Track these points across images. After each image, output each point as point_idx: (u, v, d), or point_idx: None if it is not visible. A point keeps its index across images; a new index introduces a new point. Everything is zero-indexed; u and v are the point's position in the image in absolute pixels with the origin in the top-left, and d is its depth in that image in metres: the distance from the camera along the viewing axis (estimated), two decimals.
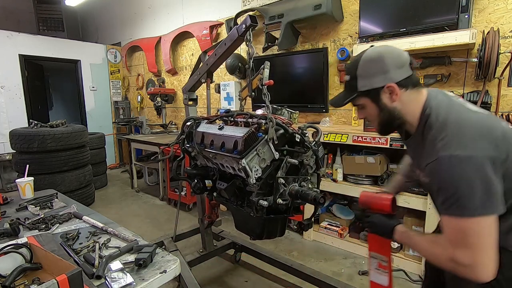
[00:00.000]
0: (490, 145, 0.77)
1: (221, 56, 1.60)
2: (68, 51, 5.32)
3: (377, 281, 1.17)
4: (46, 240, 1.06)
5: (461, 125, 0.80)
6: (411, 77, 0.89)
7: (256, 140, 1.15)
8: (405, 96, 0.89)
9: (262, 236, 1.34)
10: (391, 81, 0.88)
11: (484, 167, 0.75)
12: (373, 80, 0.90)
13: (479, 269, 0.76)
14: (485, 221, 0.75)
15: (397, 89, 0.88)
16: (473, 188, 0.75)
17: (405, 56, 0.89)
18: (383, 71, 0.88)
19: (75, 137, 3.55)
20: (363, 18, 2.54)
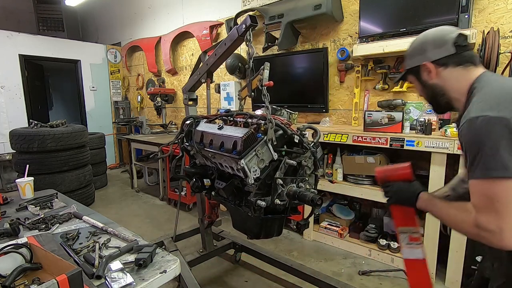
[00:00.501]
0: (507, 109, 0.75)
1: (221, 56, 1.60)
2: (68, 51, 5.32)
3: (412, 257, 1.10)
4: (46, 240, 1.06)
5: (497, 90, 0.81)
6: (454, 56, 0.91)
7: (255, 141, 1.15)
8: (447, 73, 0.93)
9: (260, 236, 1.34)
10: (427, 60, 0.94)
11: (503, 127, 0.73)
12: (413, 59, 0.99)
13: (504, 235, 0.73)
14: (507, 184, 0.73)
15: (432, 67, 0.94)
16: (499, 148, 0.73)
17: (450, 36, 0.91)
18: (422, 51, 0.96)
19: (75, 137, 3.55)
20: (363, 18, 2.54)
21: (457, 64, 0.91)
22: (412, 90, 2.52)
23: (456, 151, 1.90)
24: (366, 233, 2.54)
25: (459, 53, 0.91)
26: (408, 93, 2.55)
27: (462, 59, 0.91)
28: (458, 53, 0.91)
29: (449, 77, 0.93)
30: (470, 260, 1.96)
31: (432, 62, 0.93)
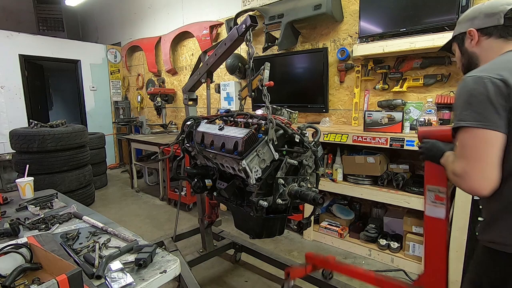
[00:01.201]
0: (505, 71, 0.79)
1: (221, 56, 1.60)
2: (68, 51, 5.32)
3: (433, 215, 1.13)
4: (46, 240, 1.06)
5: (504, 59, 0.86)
6: (500, 27, 0.91)
7: (256, 141, 1.15)
8: (487, 43, 0.94)
9: (262, 235, 1.34)
10: (474, 27, 0.95)
11: (486, 85, 0.78)
12: (462, 25, 1.00)
13: (469, 179, 0.80)
14: (482, 134, 0.79)
15: (476, 34, 0.95)
16: (472, 101, 0.80)
17: (503, 7, 0.91)
18: (471, 18, 0.97)
19: (75, 137, 3.55)
20: (363, 18, 2.54)
21: (500, 36, 0.91)
22: (412, 90, 2.52)
23: None
24: (366, 233, 2.54)
25: (507, 25, 0.90)
26: (408, 93, 2.55)
27: (506, 31, 0.91)
28: (505, 25, 0.90)
29: (487, 47, 0.94)
30: (470, 260, 1.96)
31: (478, 29, 0.94)
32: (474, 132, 0.80)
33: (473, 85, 0.81)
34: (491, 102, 0.78)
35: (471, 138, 0.81)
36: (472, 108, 0.80)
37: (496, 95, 0.78)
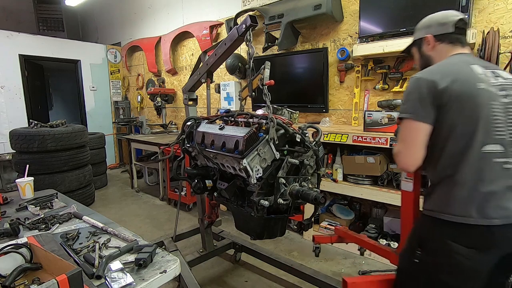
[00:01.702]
0: (438, 75, 0.97)
1: (221, 56, 1.60)
2: (68, 51, 5.32)
3: (406, 189, 1.36)
4: (46, 240, 1.06)
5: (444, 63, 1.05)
6: (450, 35, 1.09)
7: (257, 140, 1.15)
8: (440, 48, 1.11)
9: (263, 236, 1.34)
10: (430, 33, 1.13)
11: (421, 85, 0.98)
12: (420, 32, 1.18)
13: (399, 158, 1.04)
14: (411, 123, 1.00)
15: (432, 40, 1.12)
16: (409, 98, 1.01)
17: (452, 18, 1.09)
18: (427, 26, 1.15)
19: (75, 137, 3.55)
20: (363, 18, 2.54)
21: (449, 42, 1.10)
22: None
23: None
24: (366, 233, 2.53)
25: (455, 33, 1.08)
26: None
27: (454, 38, 1.09)
28: (454, 33, 1.08)
29: (439, 51, 1.12)
30: None
31: (433, 36, 1.12)
32: (408, 122, 1.01)
33: (412, 84, 1.01)
34: (422, 99, 0.97)
35: (405, 127, 1.03)
36: (408, 103, 1.02)
37: (428, 93, 0.96)
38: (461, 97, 0.94)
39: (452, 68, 1.00)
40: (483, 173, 0.93)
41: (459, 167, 0.95)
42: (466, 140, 0.94)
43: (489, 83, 0.97)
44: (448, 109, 0.95)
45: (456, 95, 0.94)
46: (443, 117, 0.96)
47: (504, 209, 0.91)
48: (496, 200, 0.92)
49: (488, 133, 0.93)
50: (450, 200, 0.96)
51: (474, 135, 0.93)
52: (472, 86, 0.95)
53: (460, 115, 0.94)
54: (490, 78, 0.99)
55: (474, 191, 0.93)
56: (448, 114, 0.95)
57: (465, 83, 0.95)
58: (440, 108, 0.96)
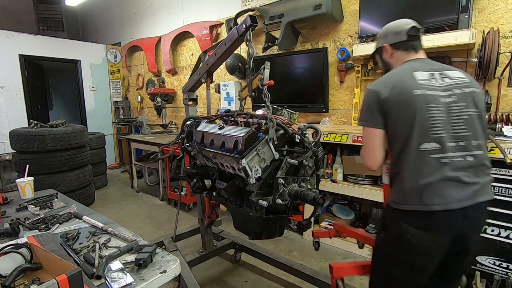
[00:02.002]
0: (381, 85, 1.12)
1: (221, 56, 1.60)
2: (68, 51, 5.32)
3: (385, 182, 1.45)
4: (46, 240, 1.06)
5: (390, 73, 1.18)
6: (404, 42, 1.21)
7: (256, 140, 1.15)
8: (397, 55, 1.25)
9: (261, 236, 1.34)
10: (387, 42, 1.26)
11: (369, 96, 1.14)
12: (379, 41, 1.30)
13: (365, 160, 1.19)
14: (368, 130, 1.16)
15: (389, 49, 1.26)
16: (363, 107, 1.17)
17: (405, 27, 1.22)
18: (384, 35, 1.28)
19: (75, 137, 3.55)
20: (363, 18, 2.54)
21: (404, 49, 1.22)
22: None
23: None
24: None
25: (409, 40, 1.21)
26: None
27: (408, 45, 1.22)
28: (408, 40, 1.21)
29: (396, 58, 1.25)
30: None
31: (390, 44, 1.25)
32: (365, 129, 1.17)
33: (364, 95, 1.17)
34: (371, 107, 1.12)
35: (364, 133, 1.18)
36: (363, 112, 1.17)
37: (374, 103, 1.11)
38: (399, 104, 1.08)
39: (395, 77, 1.14)
40: (421, 168, 1.06)
41: (402, 165, 1.09)
42: (405, 141, 1.07)
43: (430, 87, 1.08)
44: (390, 115, 1.09)
45: (395, 103, 1.08)
46: (387, 122, 1.11)
47: (441, 197, 1.04)
48: (434, 190, 1.05)
49: (424, 134, 1.05)
50: (400, 193, 1.11)
51: (411, 136, 1.06)
52: (408, 93, 1.07)
53: (399, 120, 1.08)
54: (434, 81, 1.11)
55: (415, 184, 1.07)
56: (390, 119, 1.10)
57: (403, 91, 1.08)
58: (385, 114, 1.10)
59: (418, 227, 1.07)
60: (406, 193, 1.09)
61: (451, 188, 1.05)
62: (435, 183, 1.05)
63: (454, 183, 1.05)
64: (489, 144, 1.79)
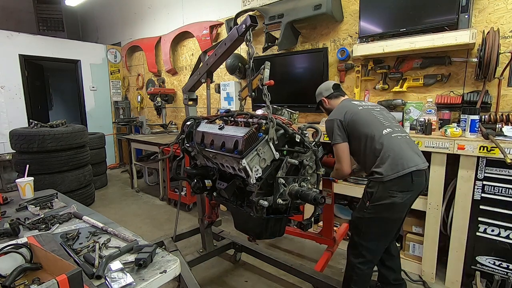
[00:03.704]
0: (340, 115, 1.65)
1: (221, 56, 1.60)
2: (68, 51, 5.32)
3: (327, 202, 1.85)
4: (46, 240, 1.06)
5: (337, 108, 1.76)
6: (333, 93, 1.87)
7: (256, 140, 1.15)
8: (332, 102, 1.88)
9: (262, 236, 1.34)
10: (323, 96, 1.90)
11: (334, 122, 1.64)
12: (319, 96, 1.93)
13: (340, 170, 1.67)
14: (339, 146, 1.63)
15: (325, 100, 1.90)
16: (333, 131, 1.64)
17: (330, 84, 1.91)
18: (320, 93, 1.93)
19: (75, 137, 3.55)
20: (363, 18, 2.54)
21: (335, 97, 1.87)
22: (412, 90, 2.53)
23: (456, 151, 1.90)
24: None
25: (335, 92, 1.87)
26: (408, 93, 2.55)
27: (336, 94, 1.88)
28: (334, 92, 1.87)
29: (332, 104, 1.86)
30: (470, 260, 1.96)
31: (325, 97, 1.89)
32: (337, 145, 1.64)
33: (330, 123, 1.67)
34: (338, 129, 1.63)
35: (337, 149, 1.65)
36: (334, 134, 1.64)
37: (339, 126, 1.63)
38: (354, 119, 1.61)
39: (344, 108, 1.69)
40: (391, 145, 1.51)
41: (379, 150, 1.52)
42: (371, 133, 1.55)
43: (363, 106, 1.70)
44: (351, 130, 1.61)
45: (351, 120, 1.61)
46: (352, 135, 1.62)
47: (411, 160, 1.49)
48: (406, 156, 1.49)
49: (379, 125, 1.58)
50: (385, 168, 1.48)
51: (373, 129, 1.56)
52: (356, 110, 1.65)
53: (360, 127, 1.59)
54: (363, 105, 1.73)
55: (392, 157, 1.48)
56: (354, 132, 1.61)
57: (353, 111, 1.65)
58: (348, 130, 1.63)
59: (401, 190, 1.47)
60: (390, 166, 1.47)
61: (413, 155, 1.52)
62: (404, 151, 1.51)
63: (411, 152, 1.52)
64: (489, 144, 1.80)
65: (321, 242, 2.31)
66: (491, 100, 2.12)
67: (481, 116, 2.01)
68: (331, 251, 2.25)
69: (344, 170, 1.63)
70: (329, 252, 2.23)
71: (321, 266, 2.09)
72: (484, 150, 1.81)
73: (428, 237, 2.11)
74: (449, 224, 2.05)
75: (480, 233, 1.91)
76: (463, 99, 2.19)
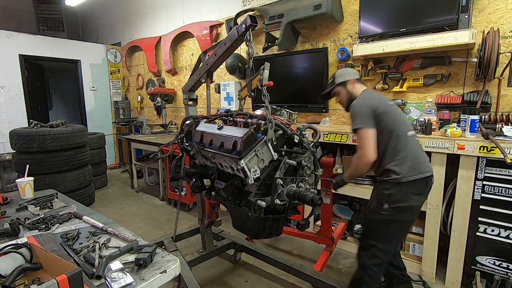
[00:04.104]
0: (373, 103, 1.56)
1: (221, 56, 1.60)
2: (68, 51, 5.32)
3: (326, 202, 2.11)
4: (46, 240, 1.06)
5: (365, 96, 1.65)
6: (359, 79, 1.77)
7: (255, 141, 1.15)
8: (357, 86, 1.73)
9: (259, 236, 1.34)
10: (350, 78, 1.75)
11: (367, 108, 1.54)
12: (343, 77, 1.75)
13: (363, 157, 1.51)
14: (368, 131, 1.50)
15: (354, 82, 1.74)
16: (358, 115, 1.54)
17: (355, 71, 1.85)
18: (345, 74, 1.77)
19: (75, 137, 3.55)
20: (363, 18, 2.54)
21: (360, 83, 1.77)
22: (412, 90, 2.52)
23: (456, 151, 1.90)
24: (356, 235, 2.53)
25: (359, 78, 1.77)
26: (408, 93, 2.55)
27: (360, 80, 1.78)
28: (359, 78, 1.77)
29: (357, 88, 1.72)
30: (470, 260, 1.96)
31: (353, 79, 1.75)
32: (362, 130, 1.51)
33: (361, 107, 1.56)
34: (370, 115, 1.51)
35: (360, 134, 1.52)
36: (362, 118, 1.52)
37: (371, 112, 1.52)
38: (386, 112, 1.54)
39: (377, 98, 1.63)
40: (413, 148, 1.54)
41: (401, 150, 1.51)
42: (398, 132, 1.52)
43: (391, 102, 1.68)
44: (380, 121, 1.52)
45: (384, 112, 1.53)
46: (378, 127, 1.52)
47: (427, 166, 1.55)
48: (423, 160, 1.55)
49: (406, 126, 1.57)
50: (405, 169, 1.49)
51: (400, 128, 1.53)
52: (388, 103, 1.61)
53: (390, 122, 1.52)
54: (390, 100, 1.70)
55: (412, 160, 1.50)
56: (381, 124, 1.52)
57: (385, 104, 1.59)
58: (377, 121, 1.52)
59: (418, 193, 1.51)
60: (409, 168, 1.48)
61: (427, 160, 1.58)
62: (423, 156, 1.57)
63: (426, 157, 1.58)
64: (489, 144, 1.80)
65: (320, 241, 2.31)
66: (491, 100, 2.12)
67: (481, 116, 2.01)
68: (330, 250, 2.25)
69: (369, 156, 1.48)
70: (328, 251, 2.23)
71: (320, 266, 2.09)
72: (484, 150, 1.81)
73: (428, 237, 2.11)
74: (449, 224, 2.05)
75: (480, 233, 1.91)
76: (463, 99, 2.19)
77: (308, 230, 2.39)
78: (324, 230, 2.26)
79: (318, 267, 2.08)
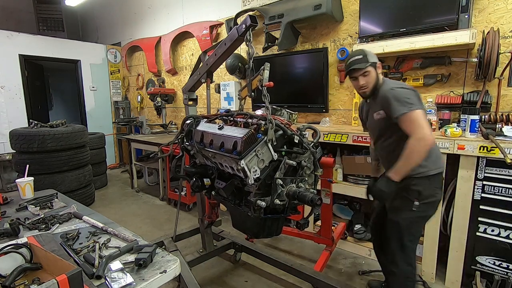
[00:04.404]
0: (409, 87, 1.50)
1: (221, 56, 1.60)
2: (68, 51, 5.32)
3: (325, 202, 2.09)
4: (46, 240, 1.06)
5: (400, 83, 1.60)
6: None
7: (255, 141, 1.15)
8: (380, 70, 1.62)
9: (259, 235, 1.34)
10: (376, 61, 1.60)
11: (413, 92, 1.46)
12: (373, 58, 1.59)
13: (426, 137, 1.35)
14: (421, 112, 1.39)
15: (380, 65, 1.62)
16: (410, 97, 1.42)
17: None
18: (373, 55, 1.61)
19: (75, 137, 3.55)
20: (363, 18, 2.54)
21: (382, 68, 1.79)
22: None
23: (456, 151, 1.90)
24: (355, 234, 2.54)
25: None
26: None
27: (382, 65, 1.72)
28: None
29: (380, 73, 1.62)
30: (470, 260, 1.96)
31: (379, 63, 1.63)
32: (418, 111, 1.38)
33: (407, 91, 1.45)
34: (418, 99, 1.44)
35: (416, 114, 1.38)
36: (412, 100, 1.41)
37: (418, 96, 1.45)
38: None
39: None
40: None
41: None
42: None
43: None
44: None
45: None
46: None
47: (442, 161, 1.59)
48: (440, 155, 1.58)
49: None
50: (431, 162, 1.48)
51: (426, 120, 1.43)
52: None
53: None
54: None
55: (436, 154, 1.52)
56: None
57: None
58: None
59: (441, 186, 1.55)
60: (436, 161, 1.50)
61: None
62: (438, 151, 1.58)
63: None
64: (489, 144, 1.80)
65: (320, 241, 2.31)
66: (491, 100, 2.12)
67: (481, 116, 2.01)
68: (330, 250, 2.25)
69: (430, 137, 1.35)
70: (328, 251, 2.23)
71: (320, 266, 2.09)
72: (484, 150, 1.81)
73: (428, 237, 2.11)
74: (449, 224, 2.05)
75: (480, 233, 1.91)
76: (463, 99, 2.20)
77: (308, 230, 2.39)
78: (324, 230, 2.26)
79: (318, 267, 2.08)
